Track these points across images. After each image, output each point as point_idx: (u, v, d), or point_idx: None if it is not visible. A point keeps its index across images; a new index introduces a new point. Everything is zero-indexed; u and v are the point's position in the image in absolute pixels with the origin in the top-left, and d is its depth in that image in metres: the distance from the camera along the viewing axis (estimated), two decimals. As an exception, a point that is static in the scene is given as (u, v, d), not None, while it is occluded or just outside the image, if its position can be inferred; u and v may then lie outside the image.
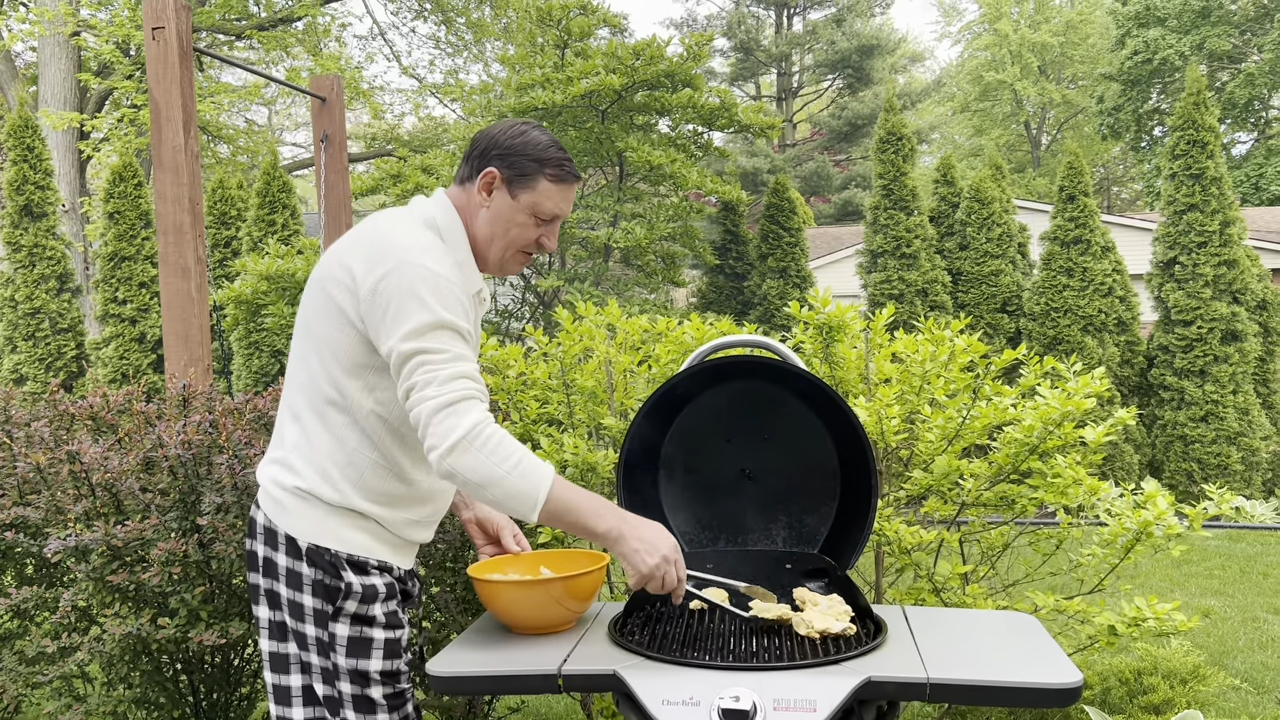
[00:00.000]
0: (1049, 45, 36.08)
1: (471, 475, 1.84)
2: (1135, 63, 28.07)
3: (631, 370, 3.29)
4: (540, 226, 2.08)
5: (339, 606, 2.02)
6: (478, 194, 2.06)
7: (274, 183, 10.97)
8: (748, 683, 1.84)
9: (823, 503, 2.48)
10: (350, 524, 2.04)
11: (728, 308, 12.02)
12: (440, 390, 1.85)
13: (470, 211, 2.08)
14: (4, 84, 16.40)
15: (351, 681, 2.04)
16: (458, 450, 1.83)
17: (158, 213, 4.52)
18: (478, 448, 1.84)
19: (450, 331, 1.89)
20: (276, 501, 2.06)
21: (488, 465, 1.84)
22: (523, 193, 2.04)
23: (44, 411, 3.32)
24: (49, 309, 10.81)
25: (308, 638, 2.05)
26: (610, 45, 10.24)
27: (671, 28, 35.59)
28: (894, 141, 10.70)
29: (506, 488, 1.85)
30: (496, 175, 2.04)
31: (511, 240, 2.07)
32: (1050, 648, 2.04)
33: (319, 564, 2.02)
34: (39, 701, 3.07)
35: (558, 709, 4.26)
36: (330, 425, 2.01)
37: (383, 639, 2.05)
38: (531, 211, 2.05)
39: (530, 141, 2.05)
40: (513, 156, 2.04)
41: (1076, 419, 2.81)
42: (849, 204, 30.31)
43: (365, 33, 23.53)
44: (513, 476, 1.85)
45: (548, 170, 2.05)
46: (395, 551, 2.12)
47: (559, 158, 2.07)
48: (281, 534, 2.05)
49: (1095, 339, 9.72)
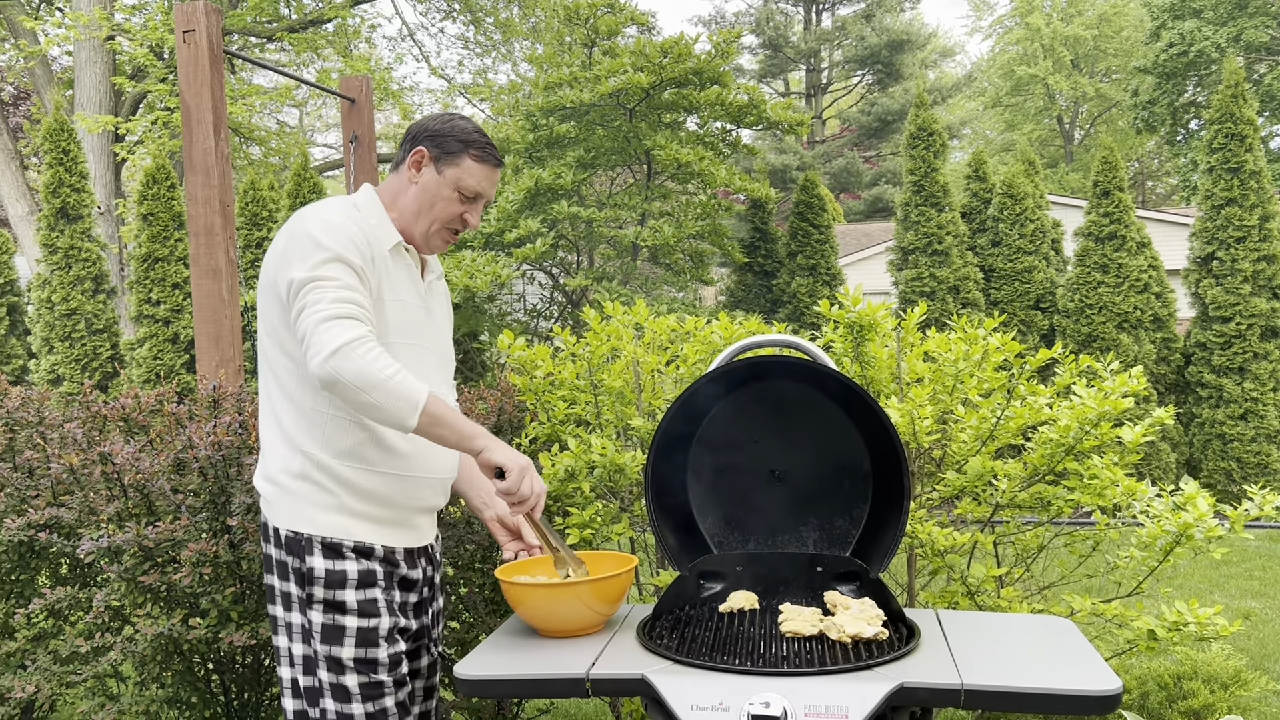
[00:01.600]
0: (1082, 38, 35.62)
1: (353, 379, 1.92)
2: (1170, 55, 27.65)
3: (659, 370, 3.26)
4: (464, 204, 2.23)
5: (309, 592, 2.09)
6: (408, 172, 2.23)
7: (305, 184, 11.04)
8: (778, 688, 1.81)
9: (854, 504, 2.45)
10: (325, 503, 2.10)
11: (756, 306, 11.96)
12: (328, 306, 1.97)
13: (398, 191, 2.24)
14: (41, 88, 16.61)
15: (328, 669, 2.09)
16: (339, 355, 1.92)
17: (189, 215, 4.55)
18: (360, 355, 1.92)
19: (341, 264, 2.03)
20: (263, 497, 2.18)
21: (372, 368, 1.92)
22: (448, 169, 2.21)
23: (77, 413, 3.35)
24: (85, 310, 10.94)
25: (293, 626, 2.14)
26: (638, 43, 10.21)
27: (699, 25, 35.48)
28: (925, 137, 10.59)
29: (388, 389, 1.93)
30: (425, 153, 2.21)
31: (437, 214, 2.22)
32: (1088, 653, 2.00)
33: (294, 550, 2.11)
34: (73, 701, 3.10)
35: (586, 710, 4.25)
36: (288, 394, 2.13)
37: (355, 626, 2.10)
38: (456, 187, 2.21)
39: (457, 125, 2.24)
40: (440, 137, 2.22)
41: (1113, 418, 2.75)
42: (879, 200, 30.10)
43: (394, 34, 23.61)
44: (393, 381, 1.93)
45: (472, 150, 2.21)
46: (383, 529, 2.16)
47: (483, 141, 2.24)
48: (270, 528, 2.16)
49: (1131, 336, 9.58)
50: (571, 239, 11.17)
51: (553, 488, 2.94)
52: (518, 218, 10.50)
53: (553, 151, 11.16)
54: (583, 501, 2.97)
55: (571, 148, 10.98)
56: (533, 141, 11.04)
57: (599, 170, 11.87)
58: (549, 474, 2.94)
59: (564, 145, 11.13)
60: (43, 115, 16.16)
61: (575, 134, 10.89)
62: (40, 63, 16.19)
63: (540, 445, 3.30)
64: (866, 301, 3.01)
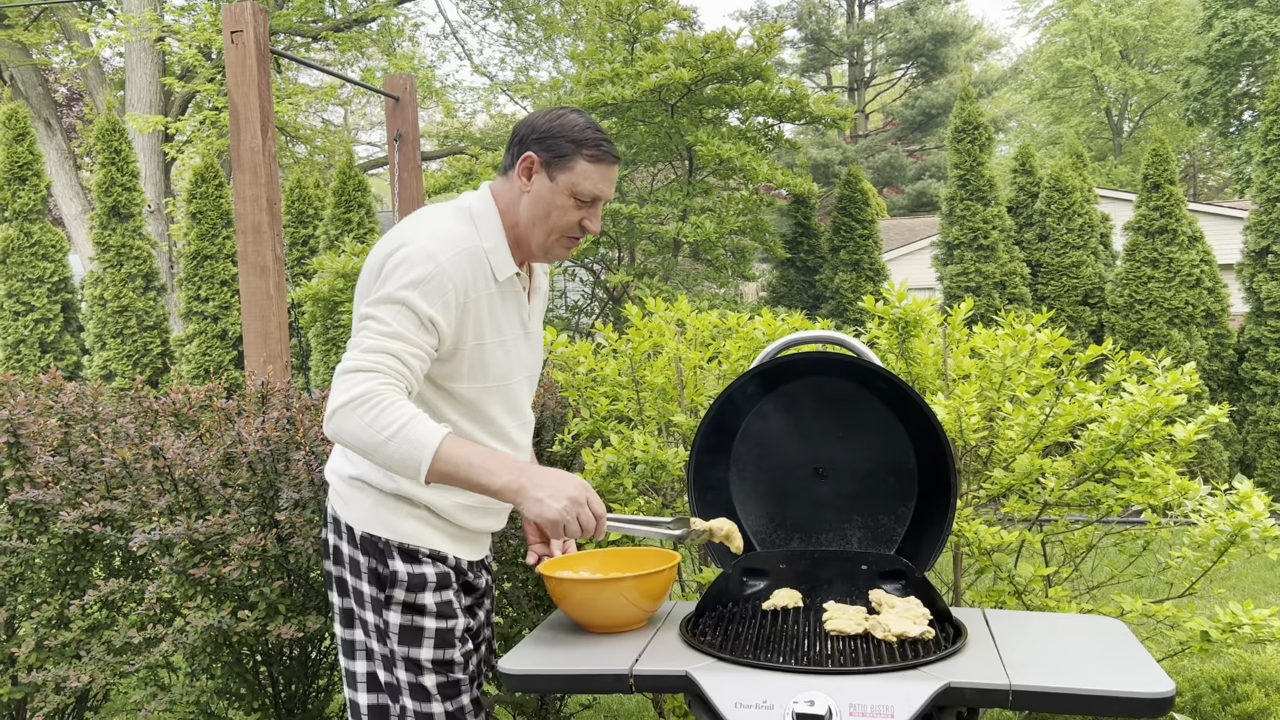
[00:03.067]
0: (1131, 29, 34.97)
1: (352, 440, 1.87)
2: (1223, 45, 27.07)
3: (702, 367, 3.25)
4: (581, 209, 2.08)
5: (389, 594, 2.08)
6: (518, 179, 2.08)
7: (350, 182, 11.15)
8: (823, 686, 1.80)
9: (899, 502, 2.42)
10: (402, 512, 2.09)
11: (798, 302, 11.90)
12: (356, 356, 1.89)
13: (512, 199, 2.09)
14: (93, 89, 16.94)
15: (406, 669, 2.09)
16: (339, 415, 1.86)
17: (236, 212, 4.62)
18: (360, 415, 1.84)
19: (406, 310, 1.92)
20: (337, 492, 2.15)
21: (367, 432, 1.84)
22: (561, 174, 2.05)
23: (129, 408, 3.41)
24: (136, 307, 11.14)
25: (368, 624, 2.12)
26: (679, 39, 10.18)
27: (740, 19, 35.35)
28: (970, 130, 10.46)
29: (388, 452, 1.85)
30: (535, 159, 2.05)
31: (554, 224, 2.08)
32: (1139, 654, 1.96)
33: (371, 552, 2.09)
34: (126, 691, 3.16)
35: (629, 705, 4.26)
36: None
37: (434, 628, 2.09)
38: (571, 193, 2.05)
39: (567, 124, 2.06)
40: (550, 139, 2.05)
41: (1166, 416, 2.70)
42: (923, 195, 29.81)
43: (437, 32, 23.82)
44: (393, 443, 1.84)
45: (585, 151, 2.05)
46: (453, 541, 2.15)
47: (596, 138, 2.06)
48: (344, 523, 2.13)
49: (1182, 332, 9.39)
50: (613, 235, 11.18)
51: (595, 483, 2.94)
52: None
53: (594, 148, 11.15)
54: (625, 497, 2.97)
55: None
56: (574, 138, 11.04)
57: (640, 166, 11.86)
58: (591, 470, 2.94)
59: (605, 142, 11.13)
60: (95, 116, 16.47)
61: (617, 130, 10.90)
62: (93, 64, 16.51)
63: (582, 441, 3.31)
64: (912, 297, 2.98)
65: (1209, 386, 9.40)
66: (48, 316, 11.15)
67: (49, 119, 16.12)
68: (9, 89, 16.29)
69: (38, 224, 11.17)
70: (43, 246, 11.15)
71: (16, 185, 11.03)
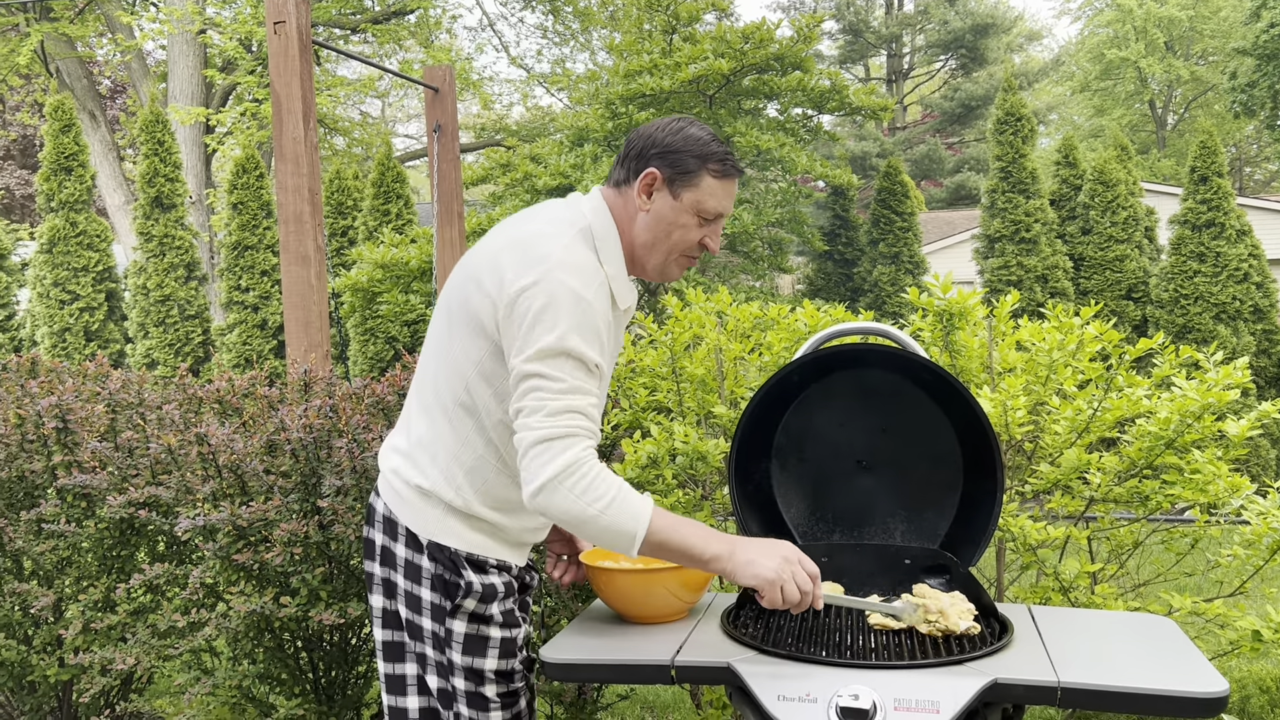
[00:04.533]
0: (1177, 20, 34.35)
1: (561, 516, 1.81)
2: (1272, 36, 26.51)
3: (742, 358, 3.24)
4: (703, 227, 1.98)
5: (458, 604, 2.00)
6: (637, 197, 1.96)
7: (388, 173, 11.22)
8: (867, 680, 1.78)
9: (943, 496, 2.39)
10: (470, 525, 2.02)
11: (836, 294, 11.83)
12: (544, 422, 1.80)
13: (628, 216, 1.98)
14: (136, 81, 17.18)
15: (466, 678, 2.02)
16: (547, 490, 1.78)
17: (279, 202, 4.65)
18: (569, 488, 1.78)
19: (574, 361, 1.82)
20: (398, 494, 2.05)
21: (578, 505, 1.78)
22: (685, 191, 1.94)
23: (174, 395, 3.45)
24: (178, 296, 11.29)
25: (424, 630, 2.04)
26: (719, 29, 10.14)
27: (779, 10, 35.15)
28: (1012, 122, 10.34)
29: (601, 526, 1.80)
30: (658, 176, 1.94)
31: (674, 244, 1.98)
32: (1190, 653, 1.92)
33: (439, 560, 2.01)
34: (170, 674, 3.20)
35: (665, 697, 4.26)
36: (458, 428, 1.99)
37: (499, 638, 2.04)
38: (695, 211, 1.95)
39: (691, 137, 1.95)
40: (673, 154, 1.93)
41: (1217, 412, 2.65)
42: (961, 188, 29.51)
43: (475, 24, 23.91)
44: (606, 516, 1.79)
45: (710, 165, 1.94)
46: (513, 550, 2.11)
47: (721, 152, 1.96)
48: (402, 526, 2.04)
49: (1229, 327, 9.23)
50: (649, 227, 11.16)
51: (634, 475, 2.93)
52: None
53: (631, 139, 11.14)
54: (664, 489, 2.96)
55: (650, 136, 10.95)
56: (612, 130, 11.05)
57: (677, 158, 11.81)
58: (630, 460, 2.94)
59: (643, 133, 11.10)
60: (138, 108, 16.70)
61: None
62: (136, 57, 16.73)
63: (622, 432, 3.30)
64: (957, 289, 2.94)
65: (1257, 383, 9.24)
66: (92, 305, 11.34)
67: (94, 111, 16.36)
68: (55, 81, 16.55)
69: (83, 214, 11.35)
70: (88, 236, 11.33)
71: (63, 176, 11.21)
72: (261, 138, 14.78)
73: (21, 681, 3.44)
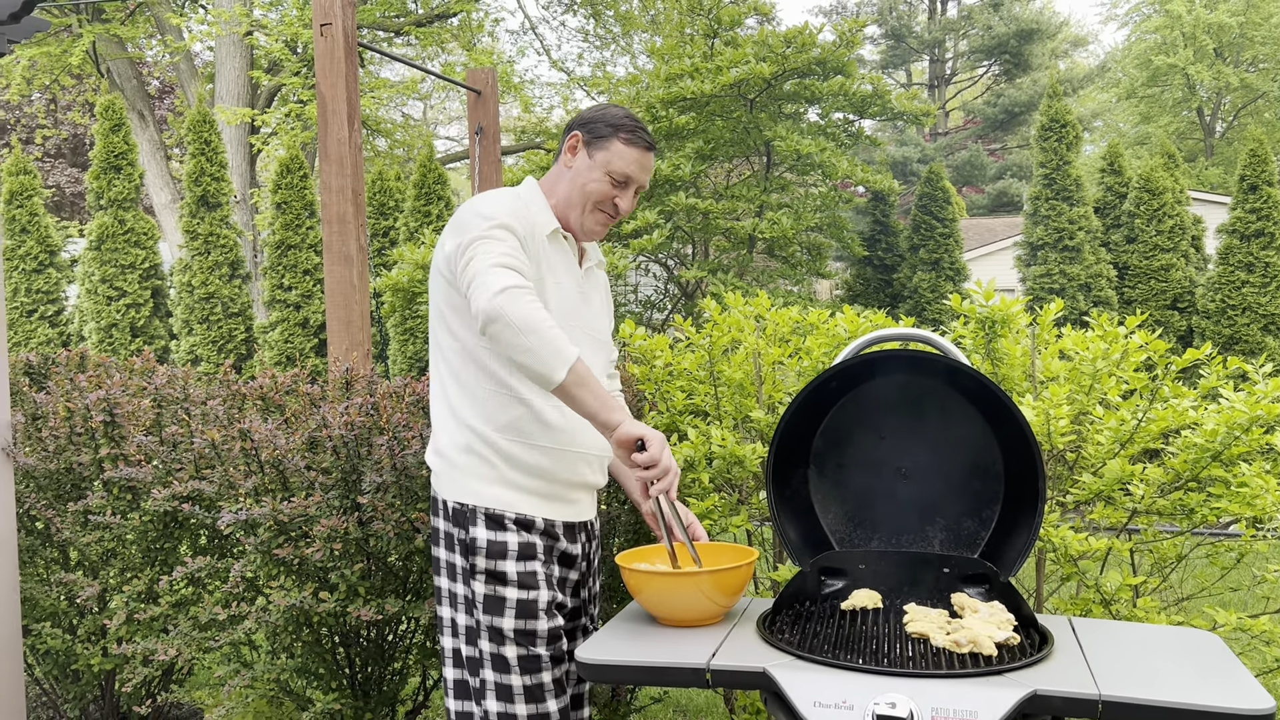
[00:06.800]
0: (1227, 26, 33.75)
1: (516, 319, 1.94)
2: (1326, 42, 26.00)
3: (781, 363, 3.22)
4: (615, 187, 2.28)
5: (472, 563, 2.16)
6: (564, 158, 2.32)
7: (429, 175, 11.31)
8: (904, 689, 1.77)
9: (984, 505, 2.37)
10: (487, 476, 2.18)
11: (875, 300, 11.76)
12: (495, 257, 2.04)
13: (557, 179, 2.33)
14: (185, 82, 17.44)
15: (489, 639, 2.16)
16: (506, 294, 1.96)
17: (322, 203, 4.70)
18: (525, 299, 1.96)
19: (507, 230, 2.12)
20: (433, 471, 2.27)
21: (533, 314, 1.95)
22: (599, 152, 2.27)
23: (218, 391, 3.50)
24: (222, 294, 11.44)
25: (456, 596, 2.22)
26: (761, 33, 10.12)
27: (820, 15, 35.00)
28: (1057, 129, 10.22)
29: (545, 338, 1.94)
30: (578, 138, 2.30)
31: (588, 194, 2.28)
32: (1236, 669, 1.89)
33: (459, 522, 2.18)
34: (210, 666, 3.24)
35: (698, 700, 4.25)
36: (454, 371, 2.22)
37: (515, 598, 2.15)
38: (606, 169, 2.27)
39: (609, 113, 2.32)
40: (592, 123, 2.30)
41: (1265, 424, 2.60)
42: (1003, 194, 29.21)
43: (516, 27, 24.06)
44: (551, 332, 1.95)
45: (621, 134, 2.28)
46: (545, 502, 2.21)
47: (631, 124, 2.30)
48: (439, 500, 2.25)
49: (1278, 339, 9.06)
50: (688, 230, 11.16)
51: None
52: (635, 209, 10.54)
53: (671, 143, 11.17)
54: (701, 492, 2.96)
55: (690, 139, 10.97)
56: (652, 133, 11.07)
57: (717, 161, 11.82)
58: (668, 464, 2.93)
59: (683, 137, 11.13)
60: (186, 108, 16.95)
61: (694, 125, 10.87)
62: (184, 58, 17.00)
63: (659, 435, 3.30)
64: (1000, 296, 2.91)
65: (1304, 396, 9.06)
66: (138, 302, 11.52)
67: (143, 110, 16.65)
68: (106, 81, 16.86)
69: (130, 212, 11.54)
70: (135, 234, 11.52)
71: (112, 174, 11.41)
72: (306, 138, 14.95)
73: (66, 670, 3.50)
